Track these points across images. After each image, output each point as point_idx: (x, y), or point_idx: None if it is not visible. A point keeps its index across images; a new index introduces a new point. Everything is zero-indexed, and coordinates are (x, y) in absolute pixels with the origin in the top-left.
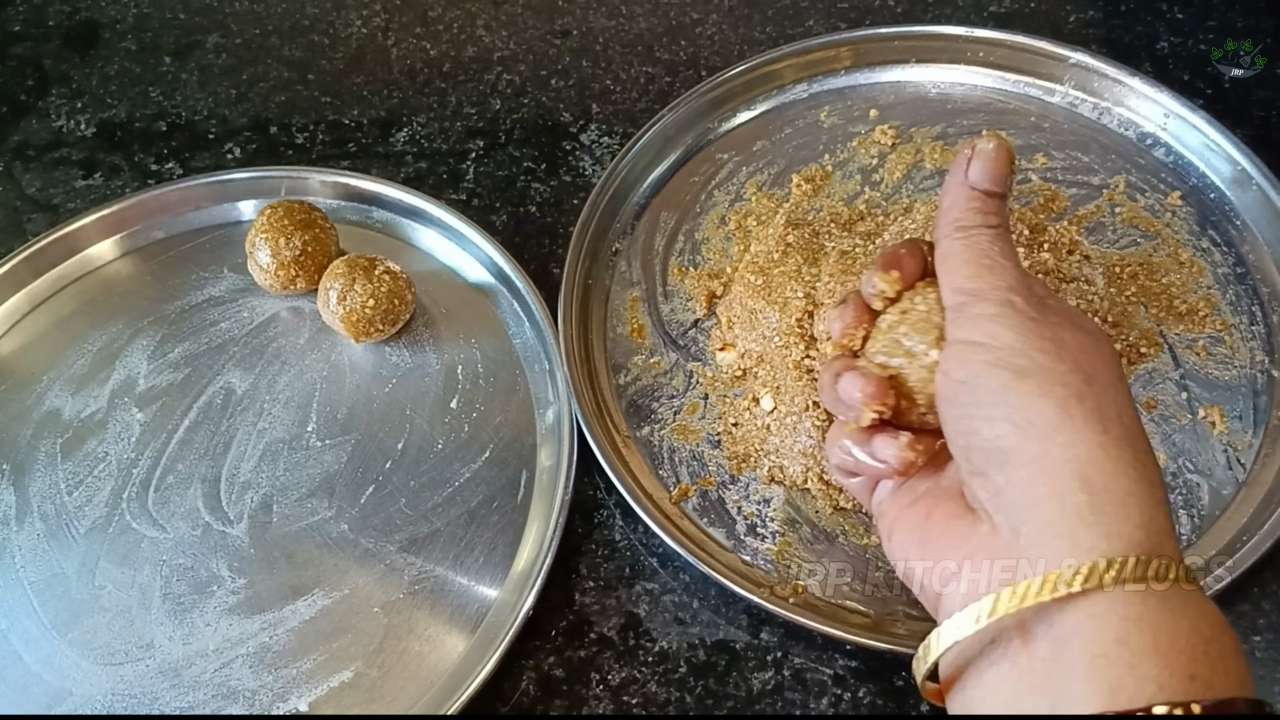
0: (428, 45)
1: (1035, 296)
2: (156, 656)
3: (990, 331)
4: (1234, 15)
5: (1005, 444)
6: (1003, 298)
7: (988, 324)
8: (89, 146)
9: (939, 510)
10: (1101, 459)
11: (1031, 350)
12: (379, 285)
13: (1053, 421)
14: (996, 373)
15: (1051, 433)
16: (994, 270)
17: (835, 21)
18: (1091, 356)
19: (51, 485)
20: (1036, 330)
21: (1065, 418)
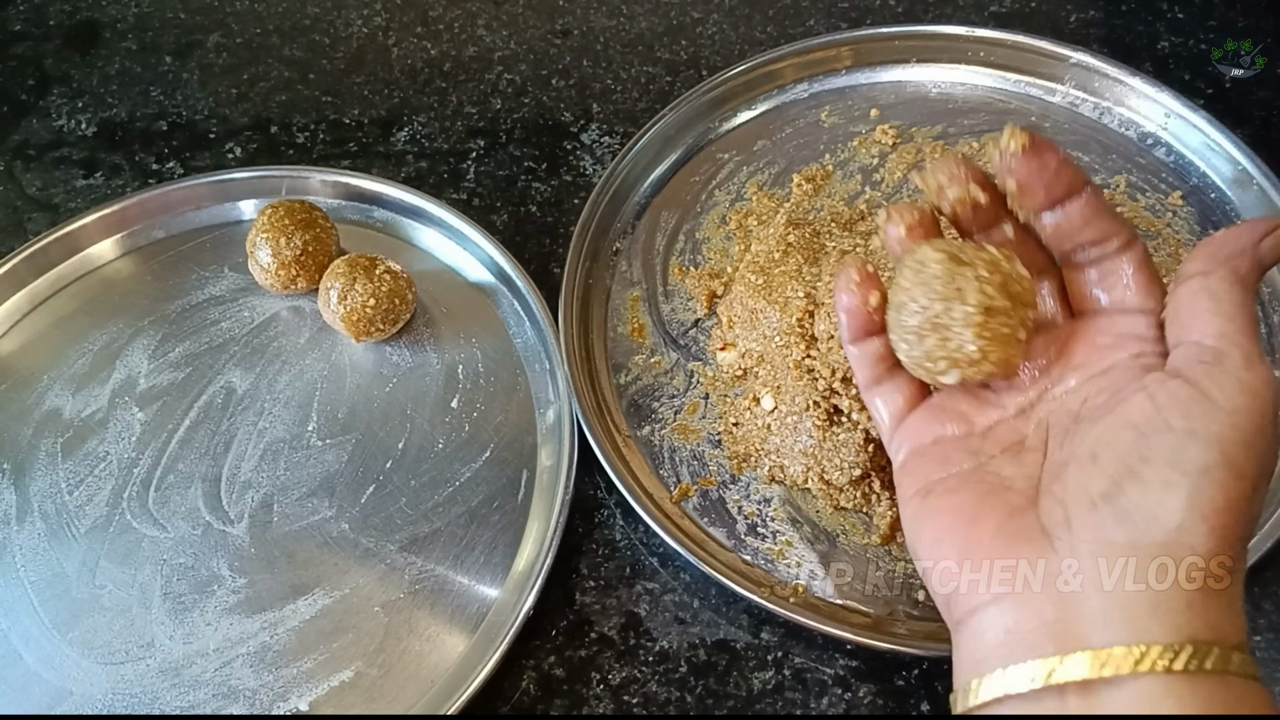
0: (428, 45)
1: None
2: (157, 656)
3: (1241, 406)
4: (1234, 15)
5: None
6: (1267, 378)
7: (1243, 397)
8: (89, 146)
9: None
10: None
11: (1256, 450)
12: (379, 285)
13: (1218, 532)
14: (1214, 451)
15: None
16: (1259, 343)
17: (836, 21)
18: (1268, 483)
19: (52, 484)
20: (1269, 431)
21: (1225, 538)
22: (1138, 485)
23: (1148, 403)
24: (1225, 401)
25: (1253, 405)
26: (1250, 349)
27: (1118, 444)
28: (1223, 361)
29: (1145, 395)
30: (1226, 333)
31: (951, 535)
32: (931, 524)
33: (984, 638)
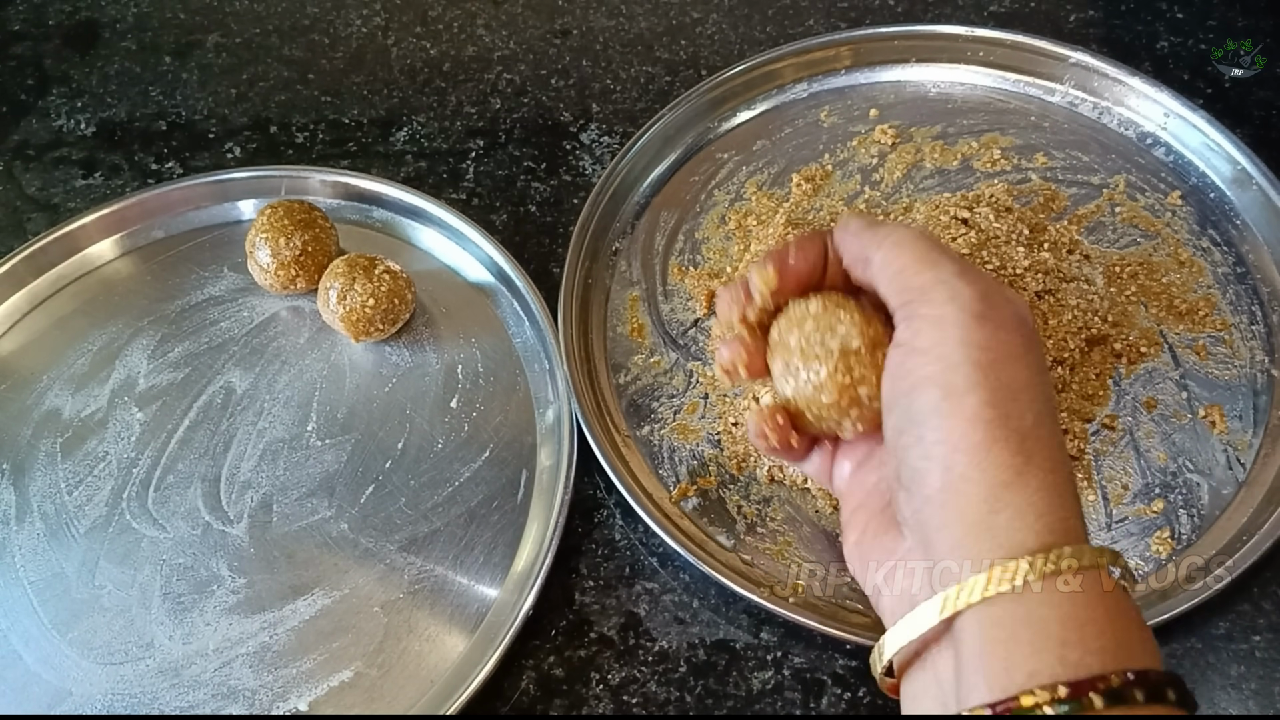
0: (428, 45)
1: (979, 289)
2: (156, 656)
3: (935, 337)
4: (1234, 15)
5: (929, 465)
6: (949, 292)
7: (932, 329)
8: (89, 146)
9: (872, 524)
10: (1012, 479)
11: (969, 363)
12: (379, 285)
13: (977, 448)
14: (932, 390)
15: (972, 459)
16: (940, 262)
17: (835, 21)
18: (1023, 362)
19: (51, 485)
20: (976, 336)
21: (989, 444)
22: (904, 452)
23: (889, 382)
24: (923, 342)
25: (939, 330)
26: (923, 282)
27: (888, 426)
28: (910, 310)
29: (889, 377)
30: (900, 285)
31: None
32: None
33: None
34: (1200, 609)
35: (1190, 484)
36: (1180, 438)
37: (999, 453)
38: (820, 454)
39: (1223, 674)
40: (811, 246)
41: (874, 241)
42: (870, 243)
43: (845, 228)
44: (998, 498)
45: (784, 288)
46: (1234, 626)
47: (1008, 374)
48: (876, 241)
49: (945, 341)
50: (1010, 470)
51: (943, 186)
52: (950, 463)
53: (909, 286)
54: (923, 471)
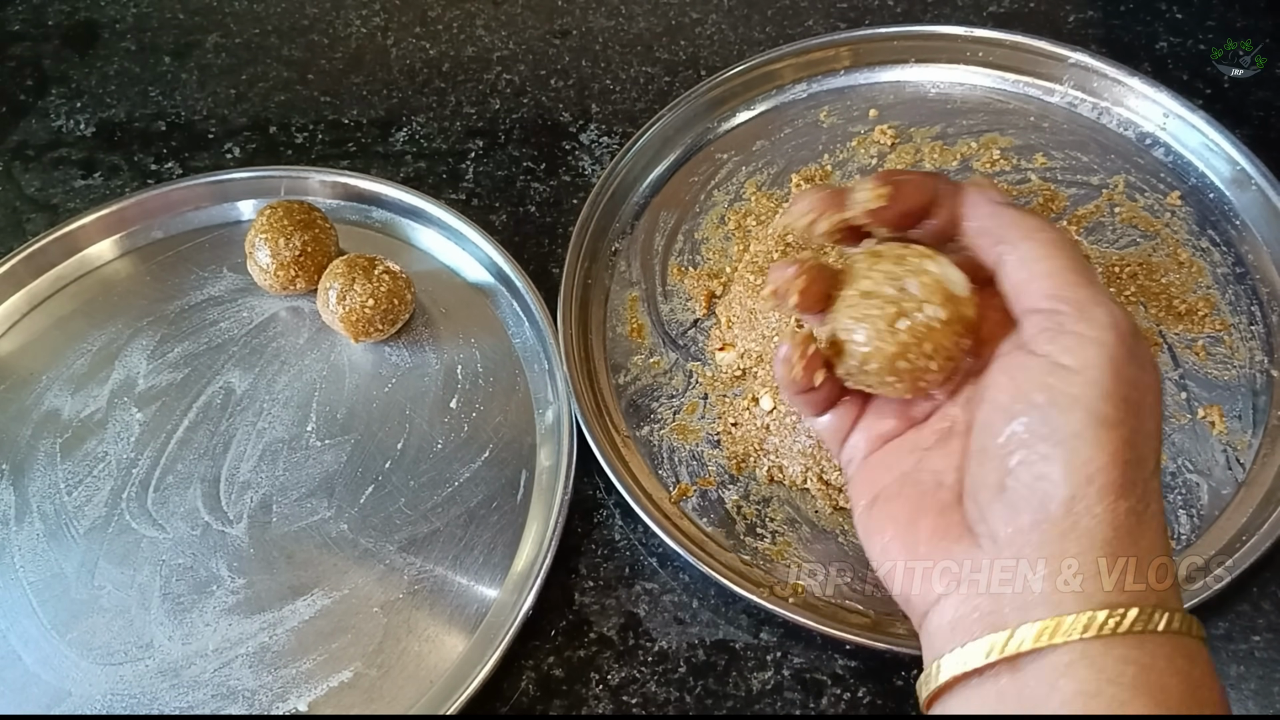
0: (427, 45)
1: (1132, 323)
2: (156, 656)
3: (1089, 360)
4: (1233, 15)
5: (1051, 489)
6: (1109, 317)
7: (1089, 350)
8: (88, 146)
9: (927, 521)
10: (1133, 526)
11: (1119, 397)
12: (378, 285)
13: (1110, 487)
14: (1077, 413)
15: (1102, 497)
16: (1095, 281)
17: (834, 21)
18: (1156, 408)
19: (51, 485)
20: (1128, 371)
21: (1122, 486)
22: (1023, 467)
23: (1010, 384)
24: (1072, 361)
25: (1098, 354)
26: (1080, 297)
27: (996, 432)
28: (1059, 322)
29: (1007, 377)
30: (1051, 291)
31: (896, 542)
32: (878, 533)
33: (936, 631)
34: (1199, 609)
35: (1189, 484)
36: (1179, 438)
37: (1128, 497)
38: (838, 414)
39: (1222, 674)
40: (930, 184)
41: (1021, 227)
42: (1015, 226)
43: (984, 194)
44: (1119, 543)
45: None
46: (1233, 627)
47: (1147, 418)
48: (1025, 229)
49: (1099, 367)
50: (1133, 517)
51: None
52: (1079, 493)
53: (1063, 296)
54: (1043, 495)
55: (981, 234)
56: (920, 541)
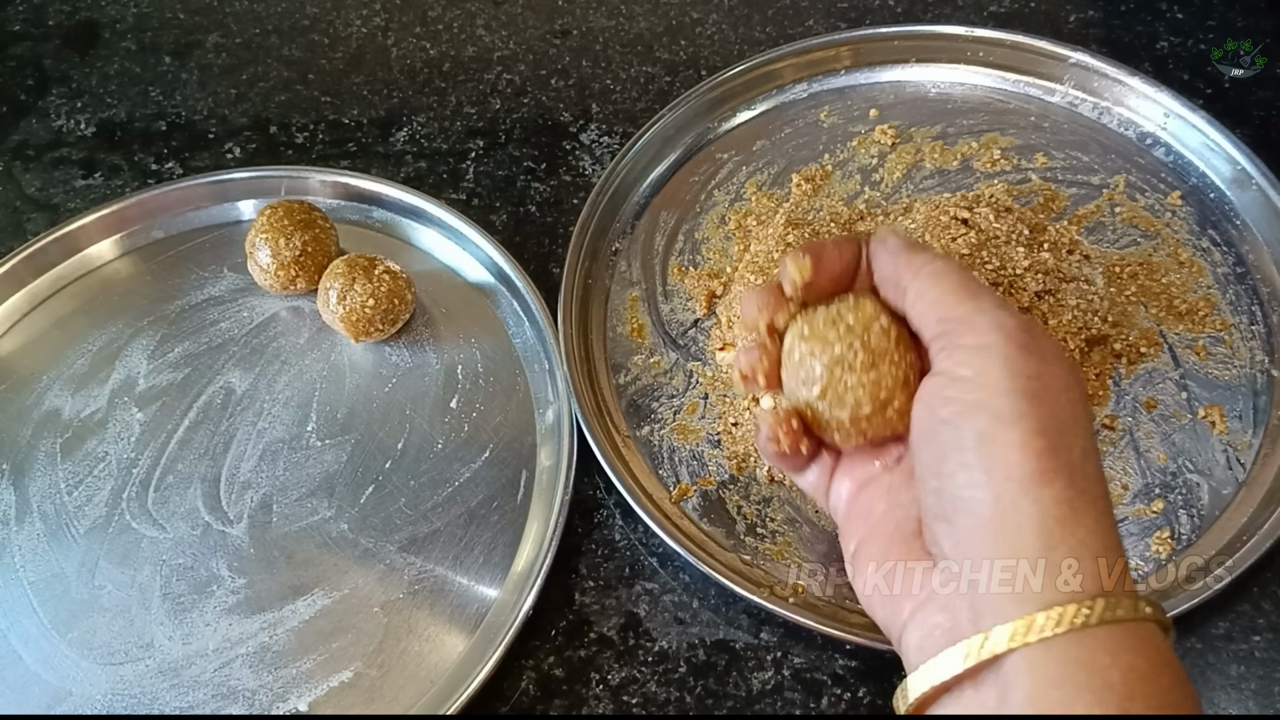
0: (427, 45)
1: (1021, 321)
2: (156, 656)
3: (980, 365)
4: (1234, 15)
5: (976, 494)
6: (992, 321)
7: (978, 357)
8: (89, 146)
9: (895, 552)
10: (1066, 515)
11: (1017, 391)
12: (379, 285)
13: (1029, 477)
14: (979, 416)
15: (1024, 488)
16: (980, 294)
17: (835, 21)
18: (1069, 395)
19: (51, 485)
20: (1024, 365)
21: (1040, 474)
22: (947, 480)
23: (924, 409)
24: (967, 370)
25: (986, 358)
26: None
27: (922, 455)
28: (949, 339)
29: (923, 404)
30: (940, 314)
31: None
32: (860, 574)
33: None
34: (1200, 609)
35: (1190, 484)
36: (1180, 438)
37: (1051, 484)
38: (818, 469)
39: (1222, 674)
40: (848, 248)
41: (911, 268)
42: (907, 268)
43: (883, 245)
44: (1051, 533)
45: (816, 283)
46: (1234, 626)
47: (1056, 405)
48: (914, 268)
49: (991, 369)
50: (1064, 505)
51: (942, 187)
52: (1000, 491)
53: (948, 316)
54: (970, 501)
55: (885, 284)
56: (893, 573)
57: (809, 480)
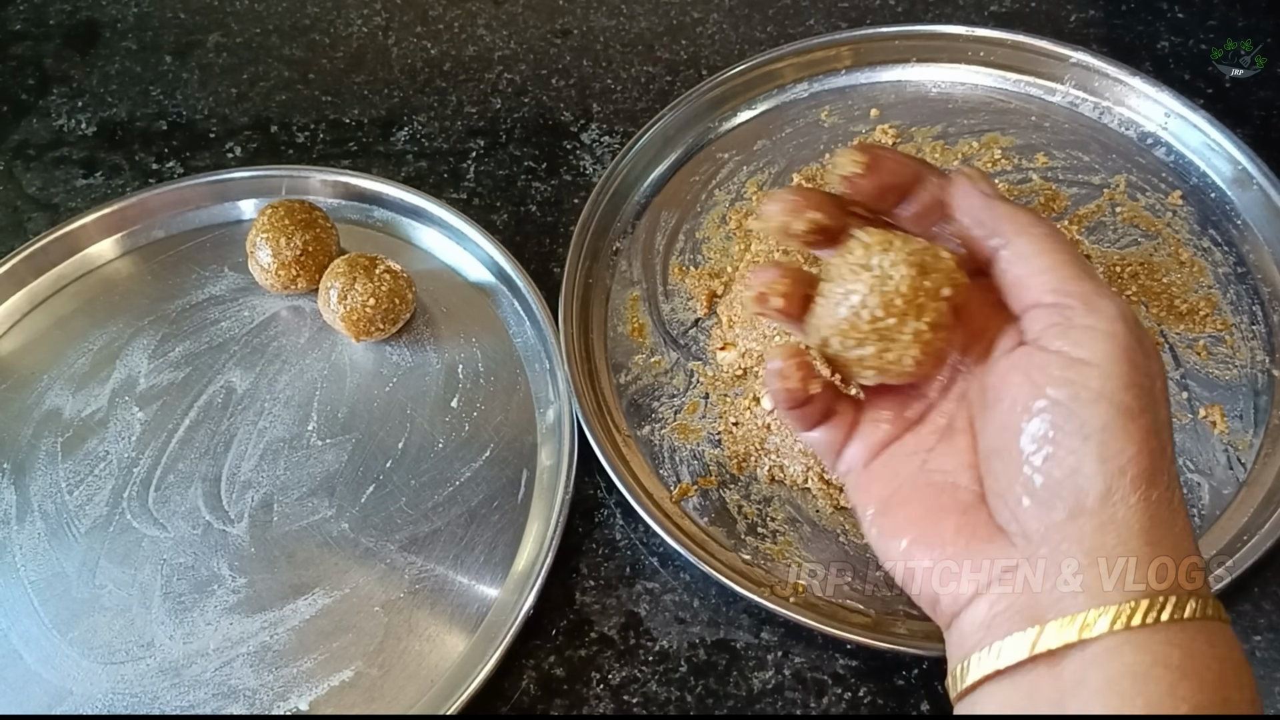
0: (428, 44)
1: (1134, 314)
2: (157, 655)
3: (1105, 352)
4: (1234, 15)
5: (1087, 484)
6: (1116, 310)
7: (1102, 343)
8: (89, 146)
9: (950, 521)
10: (1166, 515)
11: (1138, 386)
12: (379, 284)
13: (1143, 476)
14: (1104, 407)
15: (1136, 486)
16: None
17: (836, 21)
18: (1165, 397)
19: (52, 484)
20: (1143, 362)
21: (1153, 473)
22: (1052, 464)
23: (1026, 382)
24: (1087, 354)
25: (1112, 346)
26: (1085, 290)
27: (1018, 431)
28: (1067, 316)
29: (1021, 375)
30: (1054, 285)
31: (918, 545)
32: (894, 538)
33: (968, 631)
34: None
35: (1190, 484)
36: (1181, 438)
37: (1158, 484)
38: (832, 428)
39: None
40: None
41: (1014, 221)
42: (1008, 219)
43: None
44: (1151, 532)
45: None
46: (1234, 627)
47: (1162, 405)
48: (1020, 224)
49: (1116, 359)
50: (1164, 505)
51: None
52: (1116, 485)
53: (1067, 290)
54: (1077, 490)
55: (975, 225)
56: (946, 543)
57: (818, 437)
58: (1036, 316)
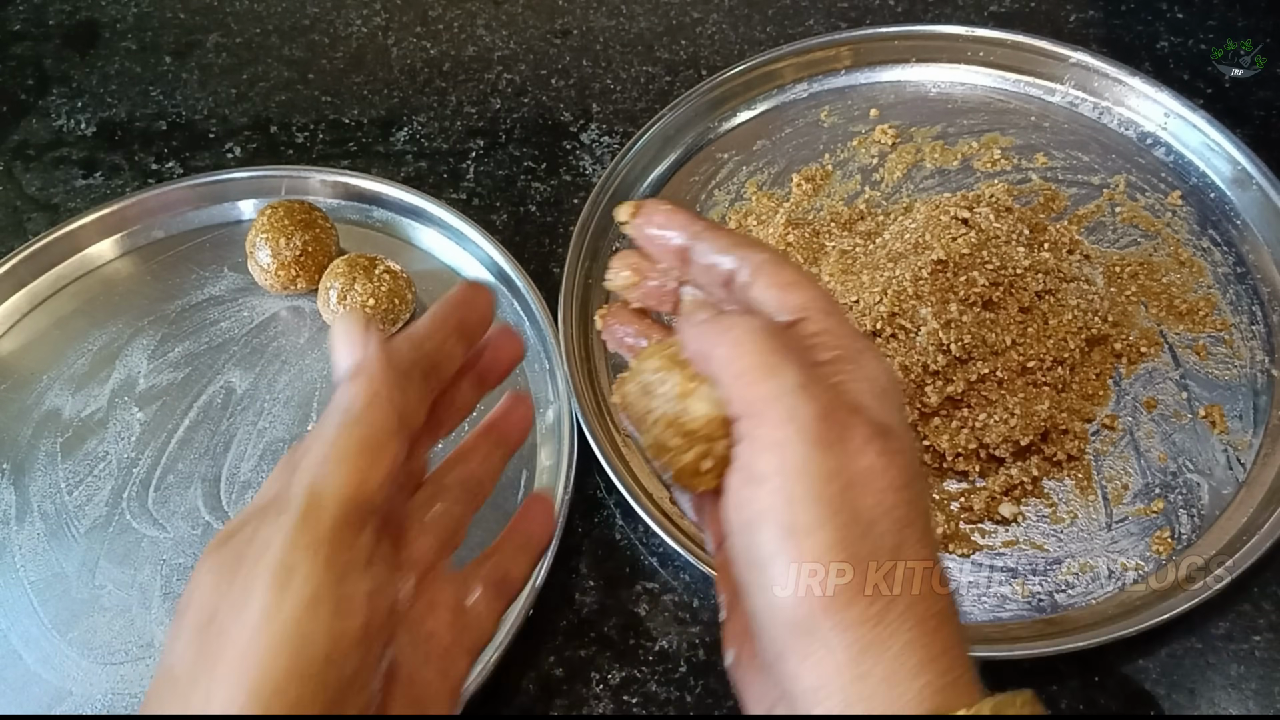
0: (428, 45)
1: (822, 405)
2: (156, 656)
3: (772, 465)
4: (1234, 15)
5: (774, 615)
6: (787, 411)
7: (769, 454)
8: (89, 146)
9: (744, 652)
10: (871, 639)
11: (811, 498)
12: (379, 284)
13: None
14: (771, 528)
15: (826, 612)
16: (781, 370)
17: (835, 21)
18: (878, 485)
19: (52, 484)
20: (822, 462)
21: (838, 595)
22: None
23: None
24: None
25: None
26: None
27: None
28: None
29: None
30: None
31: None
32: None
33: None
34: (1200, 609)
35: (1190, 484)
36: (1180, 438)
37: (853, 604)
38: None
39: (1223, 674)
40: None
41: (715, 336)
42: (711, 337)
43: (689, 319)
44: (860, 662)
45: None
46: (1234, 626)
47: (860, 502)
48: (716, 336)
49: (785, 471)
50: (867, 624)
51: (943, 186)
52: (796, 616)
53: (746, 397)
54: (769, 622)
55: (697, 358)
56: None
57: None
58: (736, 433)
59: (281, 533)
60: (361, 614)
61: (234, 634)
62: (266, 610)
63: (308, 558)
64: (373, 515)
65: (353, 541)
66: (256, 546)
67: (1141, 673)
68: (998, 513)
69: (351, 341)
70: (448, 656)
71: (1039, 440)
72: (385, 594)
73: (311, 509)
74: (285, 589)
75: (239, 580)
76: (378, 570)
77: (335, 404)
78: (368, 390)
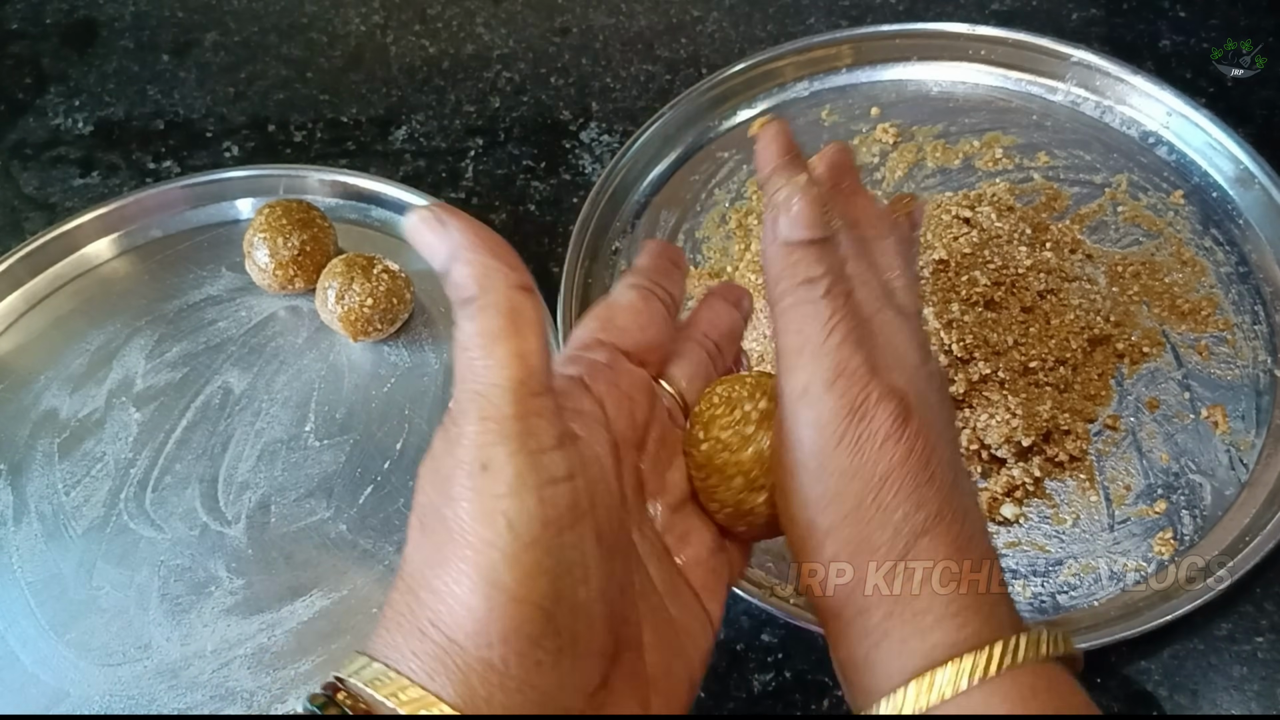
0: (426, 43)
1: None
2: (154, 657)
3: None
4: (1236, 14)
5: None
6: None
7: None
8: (86, 145)
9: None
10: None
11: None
12: (377, 284)
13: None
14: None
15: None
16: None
17: (836, 19)
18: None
19: (49, 485)
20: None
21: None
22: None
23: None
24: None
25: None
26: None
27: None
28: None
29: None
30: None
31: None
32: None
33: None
34: (1202, 610)
35: (1193, 484)
36: (1183, 438)
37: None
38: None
39: (1225, 675)
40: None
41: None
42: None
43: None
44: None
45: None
46: (1236, 627)
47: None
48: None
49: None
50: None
51: (944, 185)
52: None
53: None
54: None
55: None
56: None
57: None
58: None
59: (469, 430)
60: (566, 493)
61: (453, 524)
62: (476, 495)
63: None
64: (547, 393)
65: (534, 423)
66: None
67: (1144, 674)
68: (1000, 514)
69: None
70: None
71: (1041, 441)
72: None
73: (486, 402)
74: (485, 474)
75: (442, 479)
76: (569, 452)
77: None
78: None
